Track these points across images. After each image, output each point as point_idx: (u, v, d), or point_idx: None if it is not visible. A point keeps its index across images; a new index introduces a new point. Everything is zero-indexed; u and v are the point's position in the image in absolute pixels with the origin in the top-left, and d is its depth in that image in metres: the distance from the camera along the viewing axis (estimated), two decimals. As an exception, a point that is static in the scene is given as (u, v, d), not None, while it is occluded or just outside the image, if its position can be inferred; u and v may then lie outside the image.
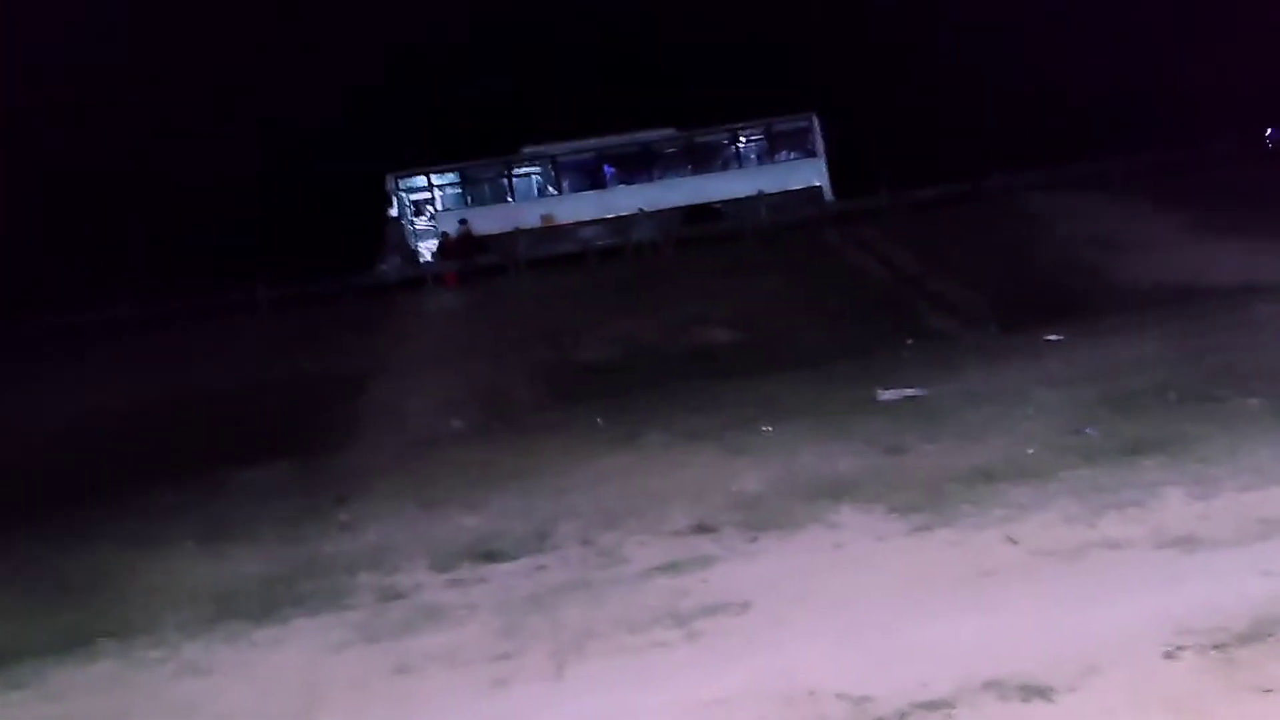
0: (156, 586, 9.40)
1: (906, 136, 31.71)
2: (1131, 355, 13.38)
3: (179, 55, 34.76)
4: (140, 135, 33.21)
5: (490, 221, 27.81)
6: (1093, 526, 7.37)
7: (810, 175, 28.97)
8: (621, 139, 29.49)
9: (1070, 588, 6.31)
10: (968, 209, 26.35)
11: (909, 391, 13.08)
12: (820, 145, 29.15)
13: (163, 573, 9.82)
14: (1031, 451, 9.60)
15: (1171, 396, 10.91)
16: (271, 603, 8.45)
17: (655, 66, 36.17)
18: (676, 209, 28.38)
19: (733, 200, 28.29)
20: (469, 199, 29.22)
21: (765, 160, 29.70)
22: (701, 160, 29.76)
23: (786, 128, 29.70)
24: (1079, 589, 6.25)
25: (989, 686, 5.05)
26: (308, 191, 33.01)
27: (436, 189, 29.33)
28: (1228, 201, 22.23)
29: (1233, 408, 10.06)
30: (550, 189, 29.62)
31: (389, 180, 28.70)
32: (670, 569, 7.83)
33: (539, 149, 29.49)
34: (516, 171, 29.63)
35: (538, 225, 28.16)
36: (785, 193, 28.30)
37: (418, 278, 27.15)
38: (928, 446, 10.39)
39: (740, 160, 29.88)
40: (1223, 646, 5.10)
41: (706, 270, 23.30)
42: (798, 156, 29.46)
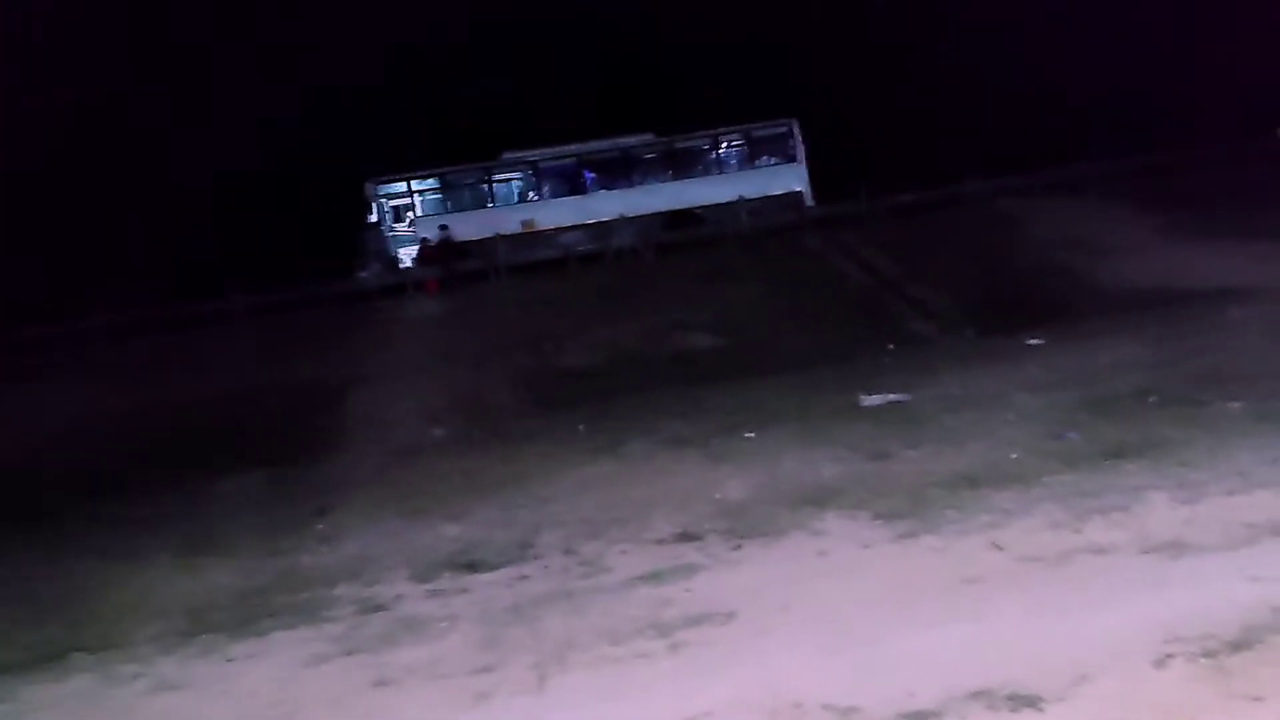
0: (131, 600, 9.29)
1: (887, 142, 31.71)
2: (1111, 359, 13.38)
3: (151, 59, 34.39)
4: (113, 139, 32.82)
5: (471, 227, 27.64)
6: (1078, 532, 7.34)
7: (791, 180, 28.92)
8: (602, 144, 29.40)
9: (1057, 594, 6.27)
10: (948, 213, 26.35)
11: (891, 397, 13.05)
12: (800, 151, 29.09)
13: (138, 586, 9.70)
14: (1014, 456, 9.59)
15: (1152, 400, 10.92)
16: (248, 616, 8.35)
17: (638, 71, 36.10)
18: (657, 214, 28.25)
19: (713, 205, 28.24)
20: (449, 205, 29.04)
21: (746, 165, 29.58)
22: (682, 166, 29.67)
23: (766, 133, 29.63)
24: (1066, 595, 6.22)
25: (977, 696, 5.01)
26: (286, 198, 32.77)
27: (416, 195, 29.15)
28: (1207, 204, 22.30)
29: (1214, 411, 10.07)
30: (531, 194, 29.51)
31: (368, 187, 28.49)
32: (653, 578, 7.76)
33: (519, 154, 29.36)
34: (497, 177, 29.49)
35: (518, 231, 28.04)
36: (766, 198, 28.22)
37: (398, 284, 26.98)
38: (911, 452, 10.36)
39: (721, 166, 29.77)
40: (1213, 654, 5.06)
41: (688, 276, 23.25)
42: (778, 162, 29.37)
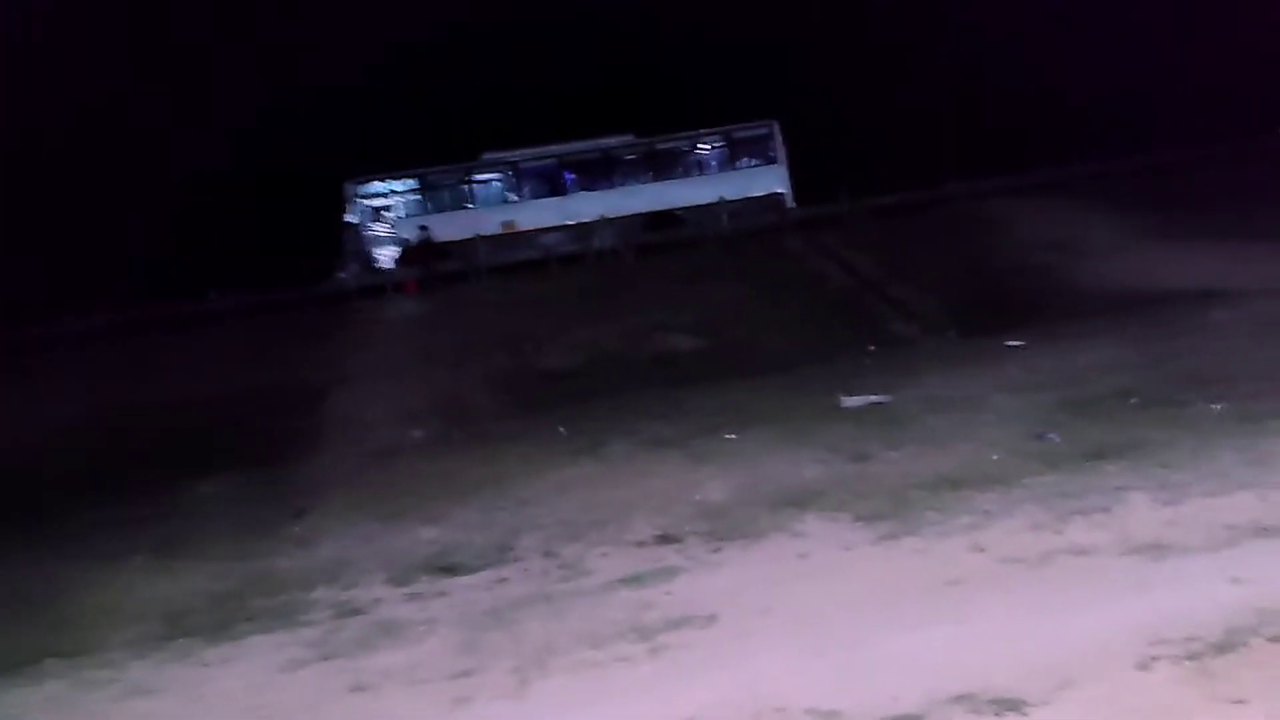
0: (106, 604, 9.17)
1: (868, 143, 31.79)
2: (1091, 360, 13.40)
3: (132, 55, 34.16)
4: (91, 137, 32.56)
5: (451, 228, 27.55)
6: (1059, 533, 7.32)
7: (772, 182, 28.94)
8: (582, 145, 29.36)
9: (1039, 596, 6.24)
10: (929, 215, 26.43)
11: (873, 398, 13.02)
12: (781, 152, 29.12)
13: (112, 589, 9.57)
14: (995, 458, 9.58)
15: (1134, 401, 10.93)
16: (224, 620, 8.25)
17: (617, 72, 36.07)
18: (638, 215, 28.24)
19: (694, 207, 28.21)
20: (429, 205, 28.95)
21: (726, 167, 29.59)
22: (663, 167, 29.66)
23: (747, 135, 29.65)
24: (1048, 597, 6.19)
25: (960, 700, 4.96)
26: (265, 199, 32.56)
27: (396, 195, 29.04)
28: (1200, 205, 22.39)
29: (1195, 412, 10.08)
30: (511, 195, 29.42)
31: (347, 188, 28.34)
32: (634, 581, 7.70)
33: (499, 155, 29.29)
34: (477, 178, 29.42)
35: (499, 232, 27.95)
36: (747, 199, 28.24)
37: (377, 285, 26.83)
38: (892, 454, 10.33)
39: (701, 167, 29.80)
40: (1196, 656, 5.04)
41: (668, 277, 23.21)
42: (759, 163, 29.39)
